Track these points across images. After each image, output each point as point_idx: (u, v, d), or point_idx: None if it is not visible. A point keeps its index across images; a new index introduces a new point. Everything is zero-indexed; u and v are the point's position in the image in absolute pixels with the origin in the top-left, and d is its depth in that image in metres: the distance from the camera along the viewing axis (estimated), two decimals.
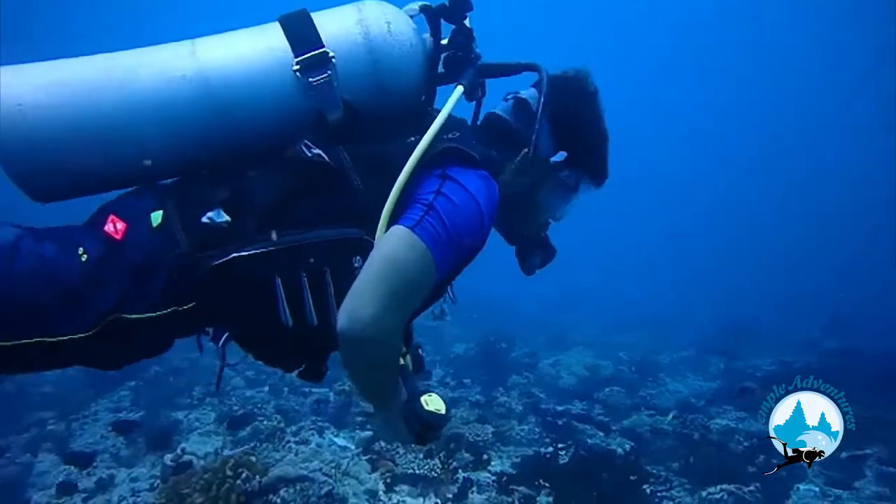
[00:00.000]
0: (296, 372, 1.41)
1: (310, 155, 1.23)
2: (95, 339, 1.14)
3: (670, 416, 6.05)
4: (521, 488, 3.91)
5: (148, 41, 1.31)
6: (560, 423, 5.82)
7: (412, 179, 1.23)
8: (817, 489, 4.74)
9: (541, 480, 4.05)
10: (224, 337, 1.25)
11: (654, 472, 4.65)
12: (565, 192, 1.54)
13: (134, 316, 1.15)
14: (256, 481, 3.29)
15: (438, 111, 1.33)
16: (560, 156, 1.46)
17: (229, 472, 3.24)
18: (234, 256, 1.17)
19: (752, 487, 4.16)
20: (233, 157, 1.28)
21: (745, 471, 4.38)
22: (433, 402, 1.21)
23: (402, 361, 1.31)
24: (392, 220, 1.20)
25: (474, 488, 3.97)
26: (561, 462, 4.23)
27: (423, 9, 1.40)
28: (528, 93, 1.50)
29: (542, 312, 12.80)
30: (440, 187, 1.23)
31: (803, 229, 28.20)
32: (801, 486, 4.74)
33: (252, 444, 4.93)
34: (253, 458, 3.54)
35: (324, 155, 1.23)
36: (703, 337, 11.09)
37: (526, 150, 1.42)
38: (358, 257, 1.23)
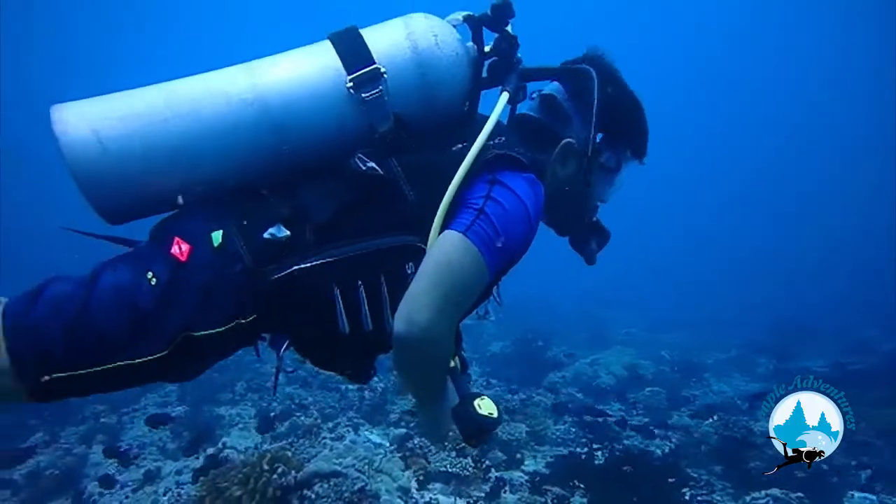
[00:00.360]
0: (345, 374, 1.46)
1: (364, 168, 1.28)
2: (167, 358, 1.19)
3: (714, 417, 5.87)
4: (554, 488, 3.86)
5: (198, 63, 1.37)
6: (597, 423, 5.72)
7: (462, 185, 1.28)
8: (874, 498, 4.52)
9: (575, 481, 3.99)
10: (284, 345, 1.31)
11: (695, 475, 4.52)
12: (608, 174, 1.56)
13: (201, 333, 1.20)
14: (292, 476, 3.36)
15: (482, 116, 1.38)
16: (597, 138, 1.47)
17: (266, 467, 3.32)
18: (295, 269, 1.23)
19: (799, 493, 4.00)
20: (290, 173, 1.34)
21: (792, 475, 4.21)
22: (486, 406, 1.26)
23: (452, 363, 1.36)
24: (444, 226, 1.25)
25: (507, 487, 3.95)
26: (596, 463, 4.16)
27: (467, 18, 1.44)
28: (551, 87, 1.52)
29: (581, 311, 12.63)
30: (489, 192, 1.27)
31: (855, 225, 26.94)
32: (857, 495, 4.51)
33: (290, 440, 5.03)
34: (289, 454, 3.61)
35: (377, 168, 1.28)
36: (752, 337, 10.73)
37: (565, 141, 1.45)
38: (411, 264, 1.27)
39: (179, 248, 1.24)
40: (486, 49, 1.45)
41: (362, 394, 6.20)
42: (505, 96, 1.40)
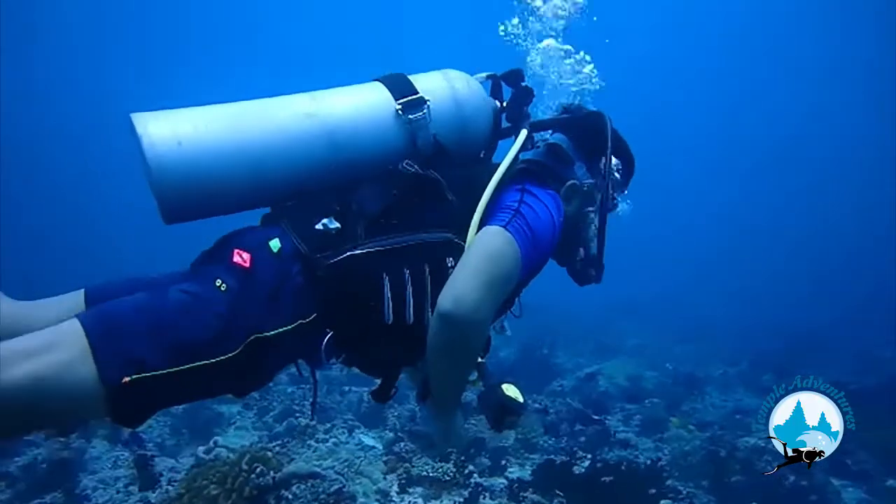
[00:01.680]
0: (369, 392, 1.64)
1: (412, 170, 1.46)
2: (237, 362, 1.26)
3: (709, 431, 5.82)
4: (533, 496, 3.88)
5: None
6: (589, 432, 5.71)
7: (496, 193, 1.46)
8: None
9: (556, 490, 4.01)
10: (328, 337, 1.38)
11: (680, 487, 4.49)
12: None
13: (269, 333, 1.29)
14: (270, 476, 3.44)
15: (496, 165, 1.56)
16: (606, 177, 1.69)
17: (245, 467, 3.40)
18: (349, 255, 1.36)
19: None
20: (340, 181, 1.49)
21: (777, 492, 4.18)
22: (511, 390, 1.41)
23: (480, 358, 1.49)
24: (481, 224, 1.41)
25: (486, 494, 3.98)
26: (580, 472, 4.16)
27: (489, 76, 1.75)
28: (556, 137, 1.73)
29: (590, 319, 12.54)
30: (522, 198, 1.46)
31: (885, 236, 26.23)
32: None
33: (283, 440, 5.11)
34: (269, 454, 3.69)
35: (420, 171, 1.47)
36: (763, 350, 10.55)
37: (570, 182, 1.65)
38: (451, 258, 1.41)
39: (241, 258, 1.35)
40: (503, 105, 1.72)
41: (361, 396, 6.26)
42: (524, 132, 1.61)
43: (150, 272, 1.56)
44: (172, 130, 1.32)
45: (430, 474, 4.00)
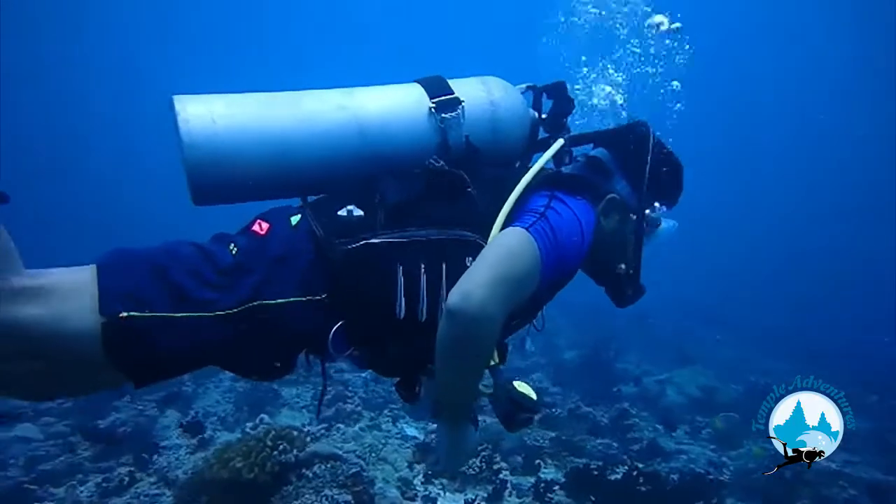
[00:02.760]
0: (394, 385, 1.60)
1: (438, 165, 1.46)
2: (238, 328, 1.28)
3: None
4: (560, 497, 3.72)
5: None
6: (644, 440, 5.41)
7: (523, 196, 1.42)
8: None
9: (589, 495, 3.83)
10: (336, 327, 1.35)
11: None
12: (649, 228, 1.64)
13: (271, 301, 1.30)
14: (293, 454, 3.54)
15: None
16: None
17: (269, 443, 3.53)
18: (365, 243, 1.34)
19: None
20: (367, 173, 1.48)
21: None
22: (523, 387, 1.33)
23: (493, 361, 1.39)
24: (505, 226, 1.37)
25: (513, 491, 3.87)
26: (615, 478, 3.94)
27: (530, 87, 1.70)
28: (597, 151, 1.66)
29: (668, 327, 11.88)
30: (550, 202, 1.42)
31: None
32: None
33: (328, 424, 5.26)
34: (295, 433, 3.80)
35: (447, 167, 1.45)
36: (870, 371, 9.49)
37: (610, 196, 1.56)
38: (470, 258, 1.35)
39: (260, 226, 1.39)
40: (542, 117, 1.68)
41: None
42: (560, 142, 1.57)
43: None
44: (208, 110, 1.36)
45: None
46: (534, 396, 1.31)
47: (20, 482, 4.29)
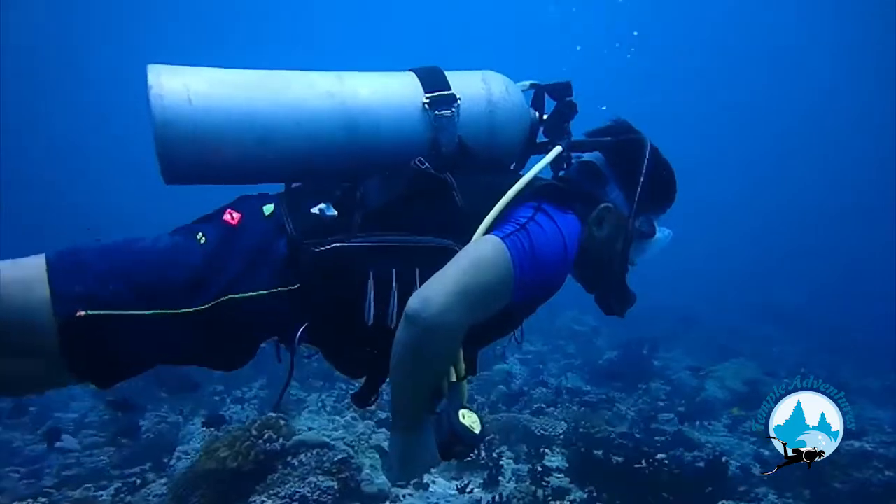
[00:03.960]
0: (351, 394, 1.53)
1: (423, 167, 1.36)
2: (208, 324, 1.22)
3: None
4: (556, 480, 3.53)
5: None
6: (669, 432, 5.10)
7: (510, 206, 1.33)
8: None
9: (589, 479, 3.62)
10: (301, 329, 1.29)
11: (758, 492, 3.82)
12: (641, 237, 1.56)
13: (242, 295, 1.24)
14: (279, 443, 3.52)
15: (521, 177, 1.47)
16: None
17: (254, 433, 3.53)
18: (337, 246, 1.26)
19: None
20: (350, 167, 1.41)
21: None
22: (469, 417, 1.21)
23: (453, 377, 1.29)
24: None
25: (511, 476, 3.70)
26: (617, 462, 3.72)
27: (533, 86, 1.61)
28: (591, 155, 1.58)
29: (713, 322, 11.33)
30: (534, 215, 1.32)
31: None
32: None
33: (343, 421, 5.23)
34: (282, 423, 3.78)
35: (432, 170, 1.36)
36: None
37: (604, 205, 1.48)
38: None
39: (231, 216, 1.32)
40: (543, 117, 1.59)
41: None
42: (558, 149, 1.49)
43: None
44: (184, 86, 1.28)
45: None
46: (476, 431, 1.19)
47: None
